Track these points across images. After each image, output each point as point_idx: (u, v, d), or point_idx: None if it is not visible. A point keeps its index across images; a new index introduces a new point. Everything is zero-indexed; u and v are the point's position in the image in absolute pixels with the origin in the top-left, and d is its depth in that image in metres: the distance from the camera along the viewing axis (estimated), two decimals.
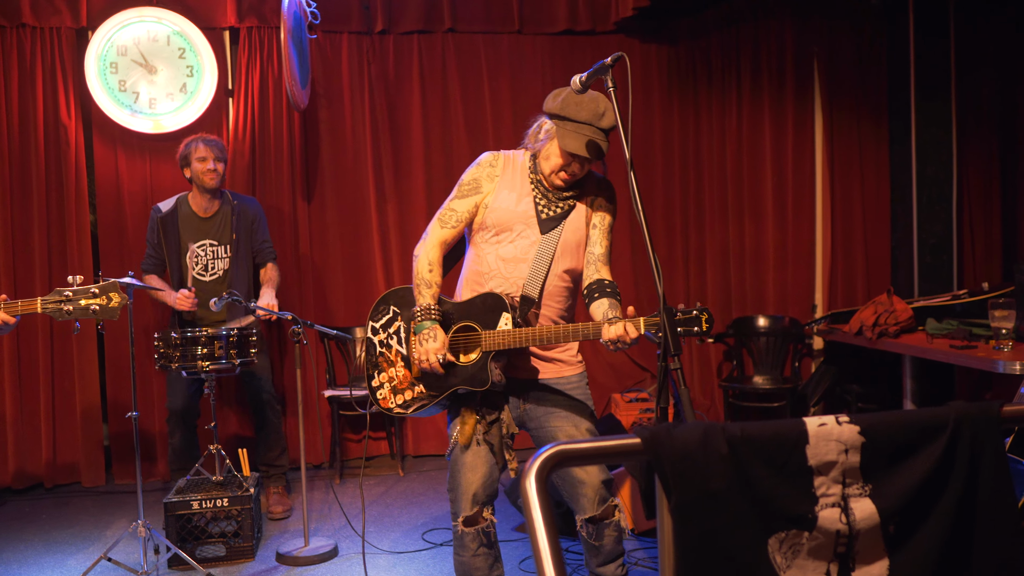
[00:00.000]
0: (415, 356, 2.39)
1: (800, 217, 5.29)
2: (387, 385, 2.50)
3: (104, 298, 2.61)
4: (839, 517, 1.19)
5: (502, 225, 2.42)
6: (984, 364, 3.44)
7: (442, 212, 2.49)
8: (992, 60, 5.30)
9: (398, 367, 2.48)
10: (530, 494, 1.08)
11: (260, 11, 4.79)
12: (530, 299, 2.40)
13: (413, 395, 2.45)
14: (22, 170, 4.62)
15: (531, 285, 2.40)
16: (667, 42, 5.34)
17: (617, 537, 2.46)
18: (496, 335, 2.32)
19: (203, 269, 4.06)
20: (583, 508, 2.43)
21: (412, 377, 2.45)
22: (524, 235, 2.42)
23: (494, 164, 2.47)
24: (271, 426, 4.17)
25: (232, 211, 4.10)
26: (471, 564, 2.47)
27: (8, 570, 3.50)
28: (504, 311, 2.33)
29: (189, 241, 4.02)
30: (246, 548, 3.51)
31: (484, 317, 2.36)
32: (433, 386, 2.41)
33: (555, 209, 2.43)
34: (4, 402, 4.59)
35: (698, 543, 1.15)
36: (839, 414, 1.21)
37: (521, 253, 2.42)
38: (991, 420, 1.21)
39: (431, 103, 5.09)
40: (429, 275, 2.44)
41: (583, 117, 2.28)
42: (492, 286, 2.42)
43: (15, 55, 4.58)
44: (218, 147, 4.02)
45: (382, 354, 2.51)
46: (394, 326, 2.52)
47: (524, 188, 2.44)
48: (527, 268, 2.41)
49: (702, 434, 1.15)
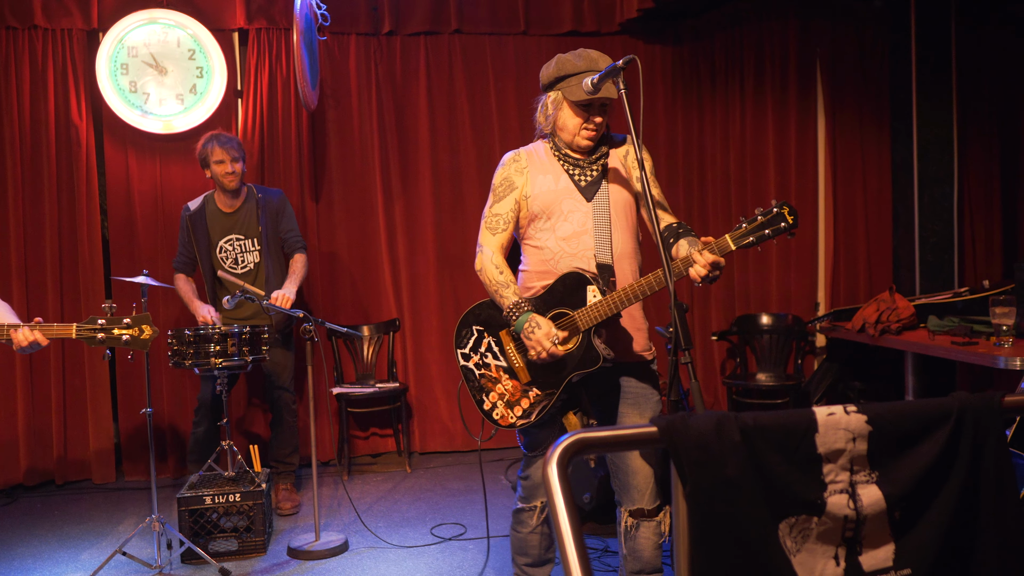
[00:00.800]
0: (531, 353, 2.30)
1: (803, 216, 5.33)
2: (500, 403, 2.42)
3: (136, 329, 2.71)
4: (847, 503, 1.24)
5: (550, 207, 2.39)
6: (985, 360, 3.48)
7: (487, 220, 2.47)
8: (993, 61, 5.35)
9: (504, 381, 2.42)
10: (552, 481, 1.12)
11: (269, 13, 4.84)
12: (606, 265, 2.36)
13: (530, 401, 2.38)
14: (34, 170, 4.67)
15: (601, 252, 2.36)
16: (671, 43, 5.38)
17: (656, 544, 2.42)
18: (590, 310, 2.26)
19: (233, 263, 4.12)
20: (632, 499, 2.38)
21: (523, 384, 2.39)
22: (575, 209, 2.38)
23: (518, 159, 2.47)
24: (285, 424, 4.21)
25: (257, 204, 4.15)
26: (528, 541, 2.55)
27: (23, 564, 3.55)
28: (588, 284, 2.29)
29: (217, 237, 4.09)
30: (258, 543, 3.56)
31: (571, 298, 2.31)
32: (547, 384, 2.35)
33: (590, 174, 2.41)
34: (16, 399, 4.64)
35: (712, 527, 1.19)
36: (847, 404, 1.26)
37: (579, 227, 2.37)
38: (993, 410, 1.26)
39: (438, 104, 5.14)
40: (502, 276, 2.40)
41: (581, 67, 2.31)
42: (561, 268, 2.36)
43: (27, 56, 4.62)
44: (235, 146, 4.06)
45: (483, 375, 2.45)
46: (484, 344, 2.46)
47: (555, 168, 2.43)
48: (590, 238, 2.37)
49: (716, 423, 1.20)
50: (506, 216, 2.44)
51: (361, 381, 4.96)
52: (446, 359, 5.18)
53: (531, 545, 2.57)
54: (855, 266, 5.38)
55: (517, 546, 2.59)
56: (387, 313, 5.12)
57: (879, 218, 5.37)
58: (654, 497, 2.38)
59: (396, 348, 5.11)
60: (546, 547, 2.58)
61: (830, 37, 5.30)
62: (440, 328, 5.15)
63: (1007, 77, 5.41)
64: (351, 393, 4.69)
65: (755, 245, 2.14)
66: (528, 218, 2.44)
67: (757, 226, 2.13)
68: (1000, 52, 5.36)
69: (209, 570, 3.37)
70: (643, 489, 2.37)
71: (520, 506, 2.58)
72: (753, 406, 5.16)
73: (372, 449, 5.17)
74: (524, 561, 2.60)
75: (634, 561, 2.42)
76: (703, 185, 5.43)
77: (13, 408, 4.64)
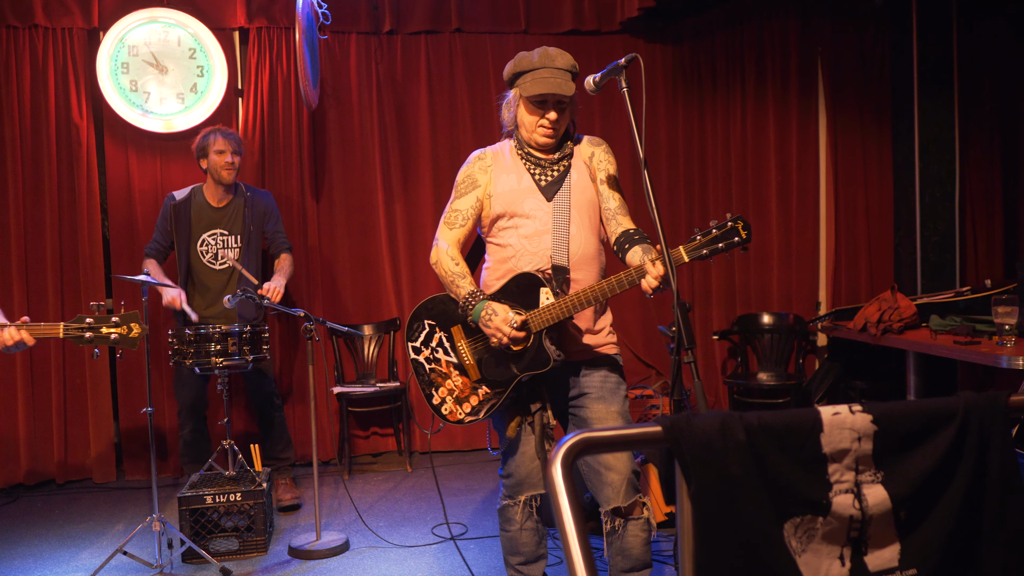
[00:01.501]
0: (492, 340, 2.32)
1: (804, 215, 5.33)
2: (449, 399, 2.44)
3: (125, 328, 2.67)
4: (852, 503, 1.23)
5: (512, 206, 2.41)
6: (987, 359, 3.48)
7: (446, 215, 2.49)
8: (994, 60, 5.35)
9: (454, 377, 2.44)
10: (556, 481, 1.12)
11: (270, 12, 4.84)
12: (561, 267, 2.36)
13: (479, 399, 2.41)
14: (34, 169, 4.67)
15: (558, 253, 2.36)
16: (672, 42, 5.38)
17: (645, 540, 2.40)
18: (542, 312, 2.28)
19: (213, 258, 4.10)
20: (608, 498, 2.37)
21: (472, 381, 2.41)
22: (537, 209, 2.40)
23: (483, 158, 2.50)
24: (273, 420, 4.22)
25: (245, 202, 4.14)
26: (518, 538, 2.52)
27: (24, 564, 3.55)
28: (541, 286, 2.30)
29: (200, 230, 4.07)
30: (259, 542, 3.56)
31: (524, 299, 2.32)
32: (497, 383, 2.38)
33: (551, 174, 2.42)
34: (16, 399, 4.64)
35: (716, 527, 1.18)
36: (852, 403, 1.25)
37: (541, 226, 2.38)
38: (999, 409, 1.25)
39: (438, 102, 5.13)
40: (458, 268, 2.42)
41: (536, 64, 2.33)
42: (522, 266, 2.38)
43: (27, 55, 4.62)
44: (236, 140, 4.07)
45: (433, 370, 2.47)
46: (435, 339, 2.47)
47: (519, 167, 2.45)
48: (549, 238, 2.38)
49: (721, 422, 1.19)
50: (465, 212, 2.46)
51: (362, 380, 4.95)
52: None
53: (522, 543, 2.54)
54: (856, 265, 5.37)
55: (508, 546, 2.57)
56: (388, 312, 5.12)
57: (880, 217, 5.36)
58: (629, 494, 2.36)
59: (397, 347, 5.11)
60: (537, 542, 2.55)
61: (831, 36, 5.29)
62: None
63: (1008, 76, 5.41)
64: (352, 392, 4.69)
65: (708, 258, 2.16)
66: (491, 217, 2.46)
67: (711, 239, 2.15)
68: (1001, 51, 5.36)
69: (210, 569, 3.37)
70: (618, 487, 2.35)
71: (505, 503, 2.55)
72: (754, 406, 5.15)
73: (373, 448, 5.17)
74: (517, 561, 2.57)
75: (624, 560, 2.40)
76: (704, 185, 5.42)
77: (14, 407, 4.64)
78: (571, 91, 2.30)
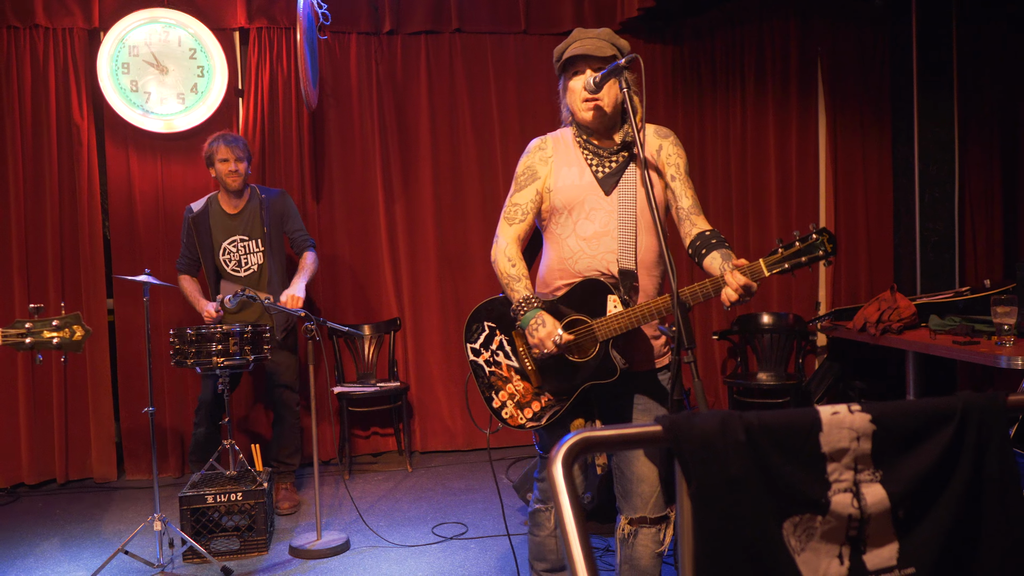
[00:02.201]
0: (534, 350, 2.23)
1: (804, 215, 5.34)
2: (510, 403, 2.35)
3: (67, 331, 2.52)
4: (851, 502, 1.24)
5: (571, 202, 2.28)
6: (987, 359, 3.48)
7: (506, 210, 2.36)
8: (994, 60, 5.36)
9: (516, 382, 2.34)
10: (557, 481, 1.12)
11: (270, 12, 4.84)
12: (629, 272, 2.23)
13: (542, 405, 2.32)
14: (35, 169, 4.67)
15: (625, 257, 2.22)
16: (672, 42, 5.38)
17: (654, 553, 2.30)
18: (610, 320, 2.16)
19: (237, 265, 4.11)
20: (634, 507, 2.27)
21: (534, 387, 2.32)
22: (597, 207, 2.25)
23: (543, 147, 2.36)
24: (286, 424, 4.21)
25: (261, 205, 4.15)
26: (545, 545, 2.46)
27: (25, 564, 3.55)
28: (609, 293, 2.18)
29: (221, 239, 4.09)
30: (260, 541, 3.56)
31: (590, 306, 2.21)
32: (560, 390, 2.28)
33: (609, 165, 2.28)
34: (18, 398, 4.65)
35: (716, 526, 1.19)
36: (851, 403, 1.26)
37: (602, 227, 2.25)
38: (997, 408, 1.26)
39: (438, 103, 5.14)
40: (514, 270, 2.30)
41: (574, 38, 2.26)
42: (580, 269, 2.26)
43: (28, 55, 4.63)
44: (240, 146, 4.07)
45: (493, 373, 2.36)
46: (495, 342, 2.37)
47: (579, 159, 2.31)
48: (613, 241, 2.23)
49: (720, 422, 1.20)
50: (525, 207, 2.34)
51: (362, 380, 4.96)
52: (447, 358, 5.18)
53: (549, 549, 2.46)
54: (856, 265, 5.38)
55: (535, 551, 2.49)
56: (388, 312, 5.13)
57: (880, 217, 5.37)
58: (658, 507, 2.27)
59: (397, 347, 5.11)
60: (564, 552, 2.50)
61: (831, 36, 5.30)
62: (441, 327, 5.16)
63: (1008, 76, 5.42)
64: (352, 392, 4.69)
65: (789, 272, 2.05)
66: (549, 211, 2.33)
67: (793, 252, 2.04)
68: (1001, 51, 5.37)
69: (211, 569, 3.37)
70: (647, 498, 2.26)
71: (537, 507, 2.48)
72: (754, 405, 5.16)
73: (373, 448, 5.18)
74: (542, 567, 2.50)
75: (631, 570, 2.32)
76: (703, 185, 5.43)
77: (15, 407, 4.65)
78: (604, 52, 2.16)
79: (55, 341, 2.49)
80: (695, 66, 5.39)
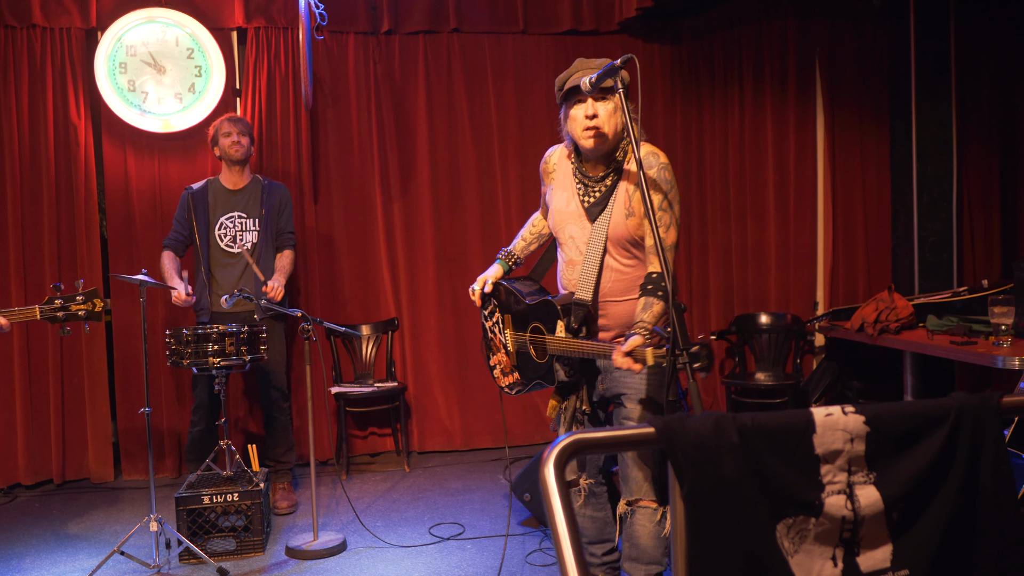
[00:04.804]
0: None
1: (802, 215, 5.34)
2: (497, 368, 2.74)
3: (90, 304, 2.90)
4: (845, 504, 1.24)
5: (557, 227, 2.47)
6: (984, 360, 3.48)
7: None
8: (992, 59, 5.35)
9: (501, 355, 2.70)
10: (549, 481, 1.12)
11: (268, 12, 4.84)
12: (583, 303, 2.34)
13: (513, 380, 2.66)
14: (32, 170, 4.66)
15: (583, 289, 2.35)
16: (670, 42, 5.38)
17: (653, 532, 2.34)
18: (553, 341, 2.40)
19: (231, 241, 4.14)
20: (630, 490, 2.42)
21: (512, 364, 2.65)
22: (576, 235, 2.39)
23: (547, 160, 2.55)
24: (277, 423, 4.22)
25: (262, 189, 4.21)
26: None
27: (21, 564, 3.55)
28: (558, 318, 2.35)
29: (218, 214, 4.14)
30: (256, 542, 3.56)
31: (546, 322, 2.44)
32: (524, 374, 2.60)
33: (594, 194, 2.35)
34: (14, 398, 4.64)
35: (709, 528, 1.19)
36: (845, 404, 1.25)
37: (576, 255, 2.41)
38: (991, 410, 1.26)
39: (436, 103, 5.13)
40: (526, 230, 2.73)
41: (575, 69, 2.33)
42: (565, 285, 2.50)
43: (25, 55, 4.62)
44: (243, 123, 4.20)
45: (491, 340, 2.74)
46: (495, 316, 2.70)
47: (571, 184, 2.41)
48: (576, 273, 2.38)
49: (714, 423, 1.20)
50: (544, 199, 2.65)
51: (359, 380, 4.95)
52: (445, 358, 5.18)
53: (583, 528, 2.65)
54: (854, 265, 5.38)
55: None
56: (386, 312, 5.12)
57: (878, 217, 5.37)
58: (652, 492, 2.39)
59: (395, 347, 5.11)
60: (599, 529, 2.63)
61: (829, 36, 5.30)
62: (439, 327, 5.15)
63: (1007, 75, 5.41)
64: (349, 392, 4.69)
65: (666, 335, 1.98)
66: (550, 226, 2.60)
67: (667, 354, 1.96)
68: (1000, 50, 5.36)
69: (207, 570, 3.37)
70: (641, 483, 2.39)
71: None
72: (752, 406, 5.16)
73: (370, 448, 5.17)
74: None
75: (631, 548, 2.41)
76: (702, 184, 5.42)
77: (12, 407, 4.64)
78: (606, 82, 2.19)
79: (81, 313, 2.87)
80: (693, 66, 5.39)
